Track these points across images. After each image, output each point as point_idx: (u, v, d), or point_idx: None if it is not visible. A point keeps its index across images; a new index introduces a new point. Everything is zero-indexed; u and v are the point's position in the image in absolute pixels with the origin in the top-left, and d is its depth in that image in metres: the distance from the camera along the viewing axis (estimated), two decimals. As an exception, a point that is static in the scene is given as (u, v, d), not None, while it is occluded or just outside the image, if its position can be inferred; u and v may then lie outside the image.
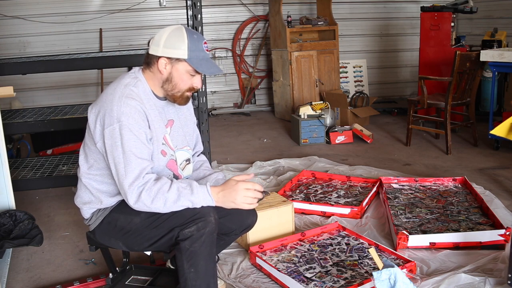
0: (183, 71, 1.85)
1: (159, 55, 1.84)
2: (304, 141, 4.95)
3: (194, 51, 1.83)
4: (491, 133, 2.48)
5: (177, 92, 1.89)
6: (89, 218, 1.97)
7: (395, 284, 1.97)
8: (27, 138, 4.72)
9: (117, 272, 2.24)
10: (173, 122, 2.00)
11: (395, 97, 7.27)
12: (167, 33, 1.84)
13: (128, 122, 1.76)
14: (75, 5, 6.12)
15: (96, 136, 1.82)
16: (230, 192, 1.81)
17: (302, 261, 2.46)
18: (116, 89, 1.82)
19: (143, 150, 1.78)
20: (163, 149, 1.91)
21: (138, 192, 1.73)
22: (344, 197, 3.30)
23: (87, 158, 1.91)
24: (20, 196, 3.28)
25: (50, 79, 6.00)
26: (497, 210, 2.97)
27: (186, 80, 1.87)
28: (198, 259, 1.75)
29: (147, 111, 1.84)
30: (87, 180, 1.91)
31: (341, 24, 6.34)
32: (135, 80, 1.88)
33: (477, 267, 2.33)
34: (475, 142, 4.65)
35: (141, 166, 1.75)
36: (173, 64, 1.84)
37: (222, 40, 6.77)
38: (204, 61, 1.86)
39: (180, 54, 1.82)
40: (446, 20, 5.32)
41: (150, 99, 1.89)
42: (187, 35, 1.82)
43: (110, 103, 1.78)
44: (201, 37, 1.87)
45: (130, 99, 1.79)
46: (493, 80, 4.44)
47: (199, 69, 1.84)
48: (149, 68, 1.90)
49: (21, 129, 3.34)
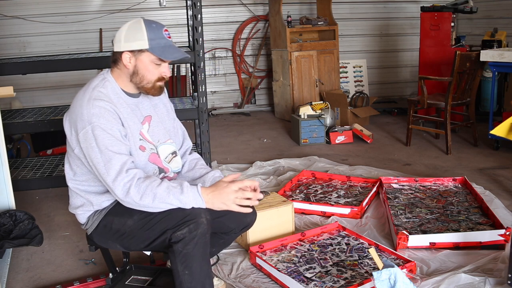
0: (147, 61, 1.86)
1: (121, 50, 1.85)
2: (304, 141, 4.95)
3: (154, 40, 1.83)
4: (491, 133, 2.48)
5: (147, 84, 1.90)
6: (86, 222, 1.97)
7: (395, 284, 1.98)
8: (27, 138, 4.73)
9: (117, 272, 2.24)
10: (150, 118, 2.00)
11: (395, 97, 7.26)
12: (126, 27, 1.86)
13: (99, 122, 1.76)
14: (75, 5, 6.12)
15: (73, 143, 1.84)
16: (221, 193, 1.79)
17: (302, 261, 2.46)
18: (85, 93, 1.84)
19: (119, 146, 1.78)
20: (141, 145, 1.91)
21: (126, 188, 1.73)
22: (344, 197, 3.30)
23: (71, 165, 1.93)
24: (20, 196, 3.28)
25: (50, 79, 6.00)
26: (497, 210, 2.97)
27: (153, 70, 1.88)
28: (192, 261, 1.74)
29: (118, 109, 1.84)
30: (74, 185, 1.94)
31: (341, 24, 6.34)
32: (103, 81, 1.89)
33: (477, 267, 2.33)
34: (475, 142, 4.65)
35: (121, 160, 1.75)
36: (137, 56, 1.85)
37: (222, 40, 6.77)
38: (167, 47, 1.86)
39: (141, 45, 1.83)
40: (446, 20, 5.32)
41: (120, 98, 1.89)
42: (145, 26, 1.83)
43: (80, 107, 1.80)
44: (160, 25, 1.88)
45: (98, 101, 1.80)
46: (493, 80, 4.44)
47: (162, 57, 1.85)
48: (116, 66, 1.91)
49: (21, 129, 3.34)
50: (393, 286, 1.98)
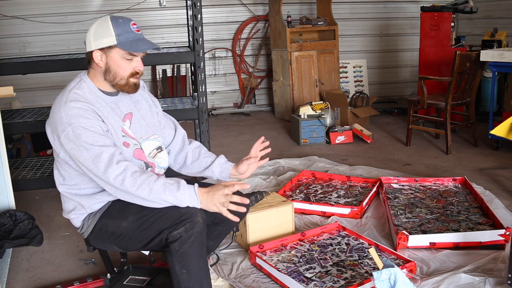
0: (117, 57, 1.85)
1: (92, 49, 1.85)
2: (304, 141, 4.95)
3: (122, 35, 1.83)
4: (491, 133, 2.48)
5: (120, 80, 1.88)
6: (81, 226, 1.97)
7: (395, 284, 1.98)
8: (27, 138, 4.73)
9: (115, 272, 2.25)
10: (131, 115, 1.99)
11: (395, 97, 7.26)
12: (94, 27, 1.87)
13: (79, 122, 1.76)
14: (75, 5, 6.12)
15: (57, 147, 1.84)
16: (214, 195, 1.79)
17: (302, 261, 2.46)
18: (62, 96, 1.84)
19: (104, 140, 1.78)
20: (124, 141, 1.90)
21: (120, 179, 1.72)
22: (344, 197, 3.30)
23: (59, 171, 1.93)
24: (20, 196, 3.28)
25: (50, 79, 6.00)
26: (497, 210, 2.97)
27: (125, 65, 1.87)
28: (189, 260, 1.75)
29: (96, 108, 1.84)
30: (64, 190, 1.93)
31: (341, 24, 6.33)
32: (79, 83, 1.88)
33: (477, 267, 2.33)
34: (475, 142, 4.65)
35: (109, 153, 1.75)
36: (107, 53, 1.85)
37: (222, 40, 6.77)
38: (135, 41, 1.85)
39: (109, 42, 1.83)
40: (446, 20, 5.32)
41: (98, 97, 1.88)
42: (111, 22, 1.83)
43: (58, 111, 1.80)
44: (127, 20, 1.87)
45: (75, 102, 1.80)
46: (493, 80, 4.44)
47: (130, 50, 1.83)
48: (90, 66, 1.91)
49: (21, 129, 3.35)
50: (393, 286, 1.98)
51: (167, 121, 2.19)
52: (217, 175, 2.15)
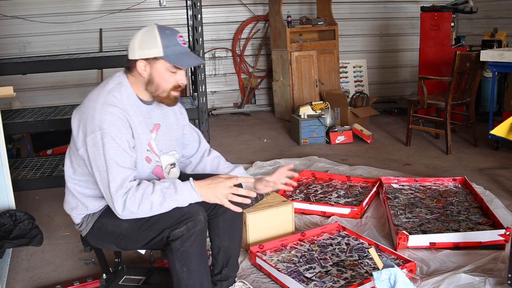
0: (162, 69, 1.82)
1: (136, 58, 1.81)
2: (304, 141, 4.95)
3: (169, 47, 1.80)
4: (491, 133, 2.48)
5: (162, 93, 1.86)
6: (80, 223, 1.96)
7: (395, 284, 1.98)
8: (27, 138, 4.73)
9: (110, 272, 2.24)
10: (159, 127, 1.96)
11: (395, 97, 7.26)
12: (140, 35, 1.82)
13: (110, 130, 1.73)
14: (75, 5, 6.12)
15: (79, 143, 1.80)
16: (216, 187, 1.78)
17: (302, 261, 2.46)
18: (99, 96, 1.80)
19: (125, 158, 1.75)
20: (147, 156, 1.88)
21: (123, 200, 1.70)
22: (344, 197, 3.30)
23: (72, 162, 1.90)
24: (20, 196, 3.28)
25: (50, 79, 6.00)
26: (497, 210, 2.97)
27: (168, 78, 1.84)
28: (190, 258, 1.74)
29: (130, 118, 1.81)
30: (72, 185, 1.91)
31: (341, 24, 6.33)
32: (119, 86, 1.85)
33: (477, 267, 2.33)
34: (475, 142, 4.65)
35: (124, 175, 1.72)
36: (151, 64, 1.81)
37: (222, 40, 6.77)
38: (182, 55, 1.82)
39: (155, 53, 1.79)
40: (446, 20, 5.32)
41: (134, 105, 1.86)
42: (159, 32, 1.80)
43: (92, 110, 1.76)
44: (175, 31, 1.84)
45: (112, 107, 1.76)
46: (493, 80, 4.44)
47: (177, 64, 1.81)
48: (131, 73, 1.87)
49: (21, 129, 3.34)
50: (393, 286, 1.98)
51: (192, 133, 2.16)
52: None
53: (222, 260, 2.11)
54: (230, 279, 2.15)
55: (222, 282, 2.13)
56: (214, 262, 2.14)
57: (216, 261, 2.12)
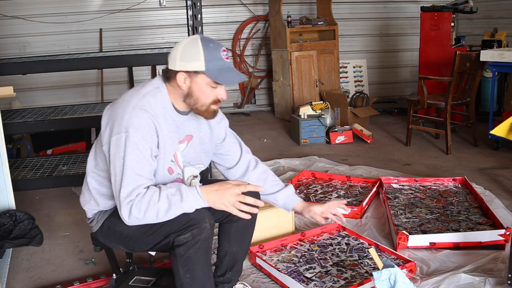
0: (203, 83, 1.76)
1: (176, 69, 1.76)
2: (304, 141, 4.95)
3: (211, 61, 1.74)
4: (491, 133, 2.47)
5: (201, 106, 1.80)
6: (91, 219, 1.96)
7: (395, 284, 1.98)
8: (27, 138, 4.72)
9: (121, 273, 2.24)
10: (191, 138, 1.92)
11: (395, 97, 7.26)
12: (182, 45, 1.76)
13: (135, 135, 1.70)
14: (75, 5, 6.12)
15: (104, 139, 1.78)
16: (223, 194, 1.74)
17: (302, 261, 2.46)
18: (133, 97, 1.77)
19: (144, 166, 1.72)
20: (170, 167, 1.84)
21: (129, 208, 1.68)
22: (344, 197, 3.30)
23: (96, 155, 1.88)
24: (20, 196, 3.27)
25: (50, 79, 6.00)
26: (497, 210, 2.97)
27: (208, 92, 1.78)
28: (194, 265, 1.72)
29: (159, 125, 1.76)
30: (90, 179, 1.89)
31: (341, 24, 6.34)
32: (156, 91, 1.80)
33: (477, 267, 2.33)
34: (475, 142, 4.65)
35: (137, 183, 1.69)
36: (192, 78, 1.76)
37: (222, 40, 6.76)
38: (224, 70, 1.76)
39: (197, 66, 1.73)
40: (446, 20, 5.32)
41: (167, 113, 1.81)
42: (202, 45, 1.73)
43: (122, 111, 1.73)
44: (218, 45, 1.78)
45: (143, 111, 1.72)
46: (493, 80, 4.44)
47: (218, 80, 1.75)
48: (169, 82, 1.81)
49: (21, 129, 3.34)
50: (393, 286, 1.98)
51: (232, 144, 2.14)
52: (279, 204, 2.17)
53: (227, 263, 2.10)
54: (232, 282, 2.15)
55: (224, 284, 2.12)
56: (218, 264, 2.13)
57: (221, 263, 2.11)
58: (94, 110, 3.63)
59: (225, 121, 2.12)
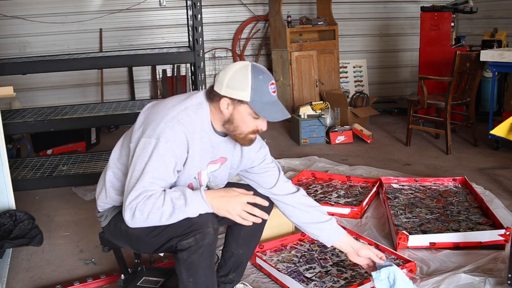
0: (245, 113, 1.74)
1: (221, 94, 1.73)
2: (304, 141, 4.95)
3: (258, 93, 1.71)
4: (491, 133, 2.48)
5: (240, 134, 1.79)
6: (101, 214, 1.94)
7: (394, 283, 1.98)
8: (27, 138, 4.73)
9: (129, 273, 2.24)
10: (225, 160, 1.90)
11: (395, 97, 7.26)
12: (232, 71, 1.73)
13: (165, 146, 1.67)
14: (75, 5, 6.12)
15: (135, 136, 1.76)
16: (229, 201, 1.72)
17: (302, 261, 2.46)
18: (175, 107, 1.75)
19: (162, 177, 1.70)
20: (191, 183, 1.83)
21: (132, 210, 1.66)
22: (344, 197, 3.30)
23: (122, 148, 1.87)
24: (20, 196, 3.28)
25: (50, 79, 6.00)
26: (497, 210, 2.97)
27: (249, 122, 1.76)
28: (197, 270, 1.71)
29: (192, 142, 1.74)
30: (109, 171, 1.88)
31: (341, 24, 6.34)
32: (198, 106, 1.77)
33: (477, 267, 2.33)
34: (475, 142, 4.65)
35: (147, 187, 1.67)
36: (235, 106, 1.73)
37: (222, 40, 6.76)
38: (269, 105, 1.75)
39: (242, 96, 1.71)
40: (446, 20, 5.32)
41: (204, 130, 1.78)
42: (251, 75, 1.71)
43: (161, 117, 1.72)
44: (268, 78, 1.75)
45: (180, 124, 1.70)
46: (493, 80, 4.44)
47: (261, 114, 1.73)
48: (212, 102, 1.78)
49: (21, 129, 3.35)
50: (392, 285, 1.98)
51: (269, 170, 2.11)
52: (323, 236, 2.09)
53: (232, 264, 2.10)
54: (234, 283, 2.15)
55: (225, 284, 2.12)
56: (222, 264, 2.12)
57: (225, 263, 2.10)
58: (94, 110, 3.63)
59: (264, 149, 2.08)
